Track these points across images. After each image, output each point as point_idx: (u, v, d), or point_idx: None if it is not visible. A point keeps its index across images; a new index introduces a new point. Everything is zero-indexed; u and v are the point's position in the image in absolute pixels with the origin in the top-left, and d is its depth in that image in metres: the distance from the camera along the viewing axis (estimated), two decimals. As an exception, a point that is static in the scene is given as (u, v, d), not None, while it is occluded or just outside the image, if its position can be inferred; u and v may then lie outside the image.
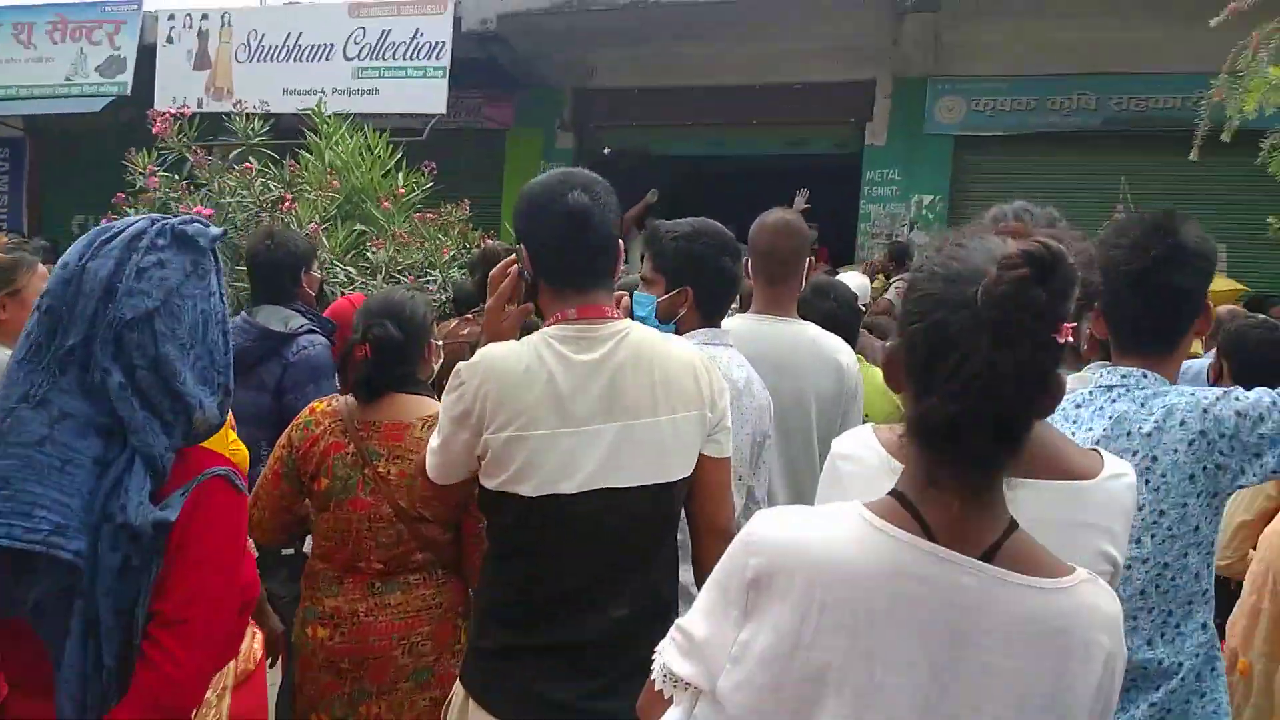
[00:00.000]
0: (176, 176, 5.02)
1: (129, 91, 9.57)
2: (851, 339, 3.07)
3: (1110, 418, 1.62)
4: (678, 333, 2.27)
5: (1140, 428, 1.59)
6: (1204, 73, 7.86)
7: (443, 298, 4.58)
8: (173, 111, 4.81)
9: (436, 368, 2.44)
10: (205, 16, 9.34)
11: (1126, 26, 7.88)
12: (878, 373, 3.29)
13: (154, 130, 4.82)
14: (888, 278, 7.26)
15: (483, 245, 3.97)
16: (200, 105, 9.42)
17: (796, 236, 2.67)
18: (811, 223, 8.69)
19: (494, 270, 1.84)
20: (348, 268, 4.64)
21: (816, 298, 2.86)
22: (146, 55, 9.53)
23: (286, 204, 4.55)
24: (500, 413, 1.67)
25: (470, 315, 3.87)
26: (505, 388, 1.68)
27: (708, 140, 9.62)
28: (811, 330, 2.61)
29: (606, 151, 9.87)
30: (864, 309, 4.80)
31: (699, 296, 2.25)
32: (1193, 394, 1.61)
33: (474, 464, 1.73)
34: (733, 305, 3.43)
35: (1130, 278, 1.63)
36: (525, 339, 1.74)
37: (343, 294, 4.30)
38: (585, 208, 1.68)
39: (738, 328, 2.49)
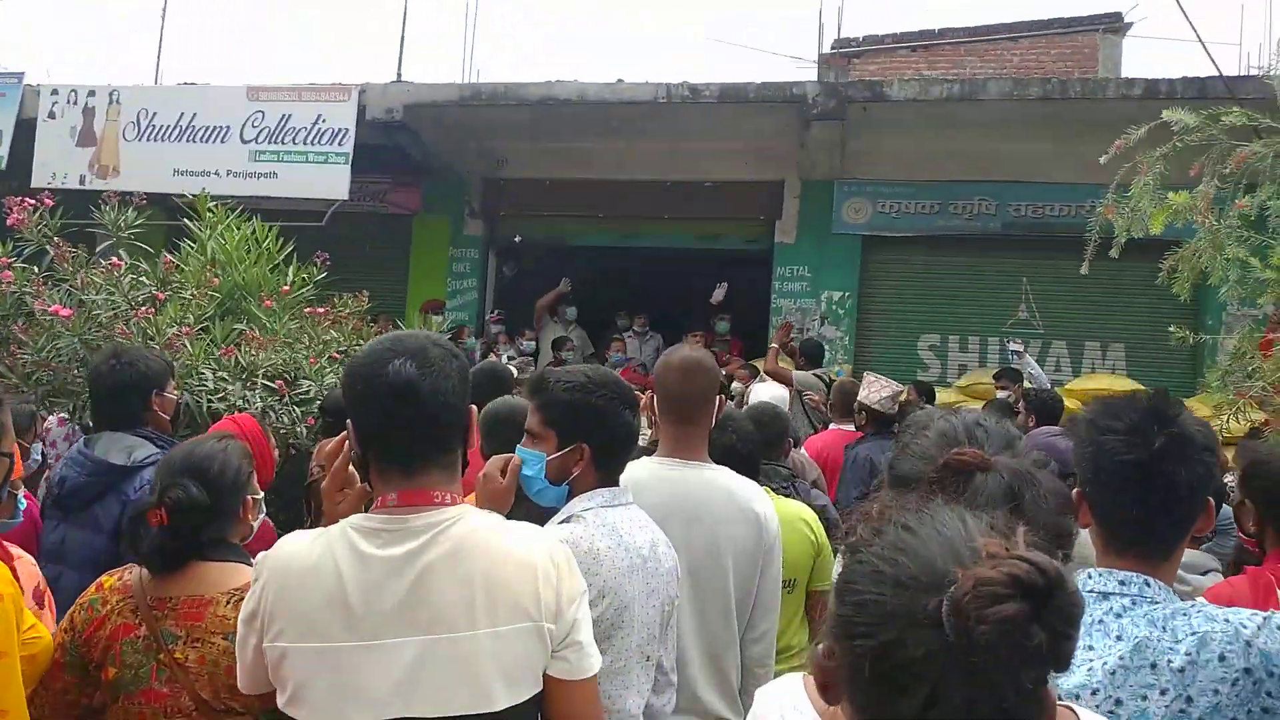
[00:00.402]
0: (36, 270, 4.56)
1: (4, 165, 9.00)
2: (753, 472, 2.86)
3: (1120, 638, 1.38)
4: (571, 494, 2.00)
5: (1169, 661, 1.34)
6: (1094, 184, 8.23)
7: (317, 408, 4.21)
8: (30, 202, 4.39)
9: (256, 524, 2.14)
10: (92, 93, 8.91)
11: (1022, 139, 8.19)
12: (788, 505, 3.10)
13: (9, 221, 4.38)
14: (799, 376, 7.17)
15: None
16: (83, 183, 8.95)
17: (706, 375, 2.44)
18: (724, 314, 8.76)
19: (329, 446, 1.59)
20: (220, 372, 4.23)
21: (714, 431, 2.62)
22: (25, 129, 9.00)
23: (144, 310, 4.15)
24: (277, 618, 1.41)
25: None
26: (285, 588, 1.42)
27: (620, 232, 9.56)
28: (725, 476, 2.37)
29: (518, 239, 9.71)
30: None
31: (597, 453, 1.98)
32: (1226, 620, 1.37)
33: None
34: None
35: (1128, 470, 1.41)
36: (326, 529, 1.49)
37: (210, 408, 3.91)
38: (409, 380, 1.45)
39: (643, 476, 2.24)
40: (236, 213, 5.35)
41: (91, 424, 2.92)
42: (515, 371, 5.46)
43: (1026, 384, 7.09)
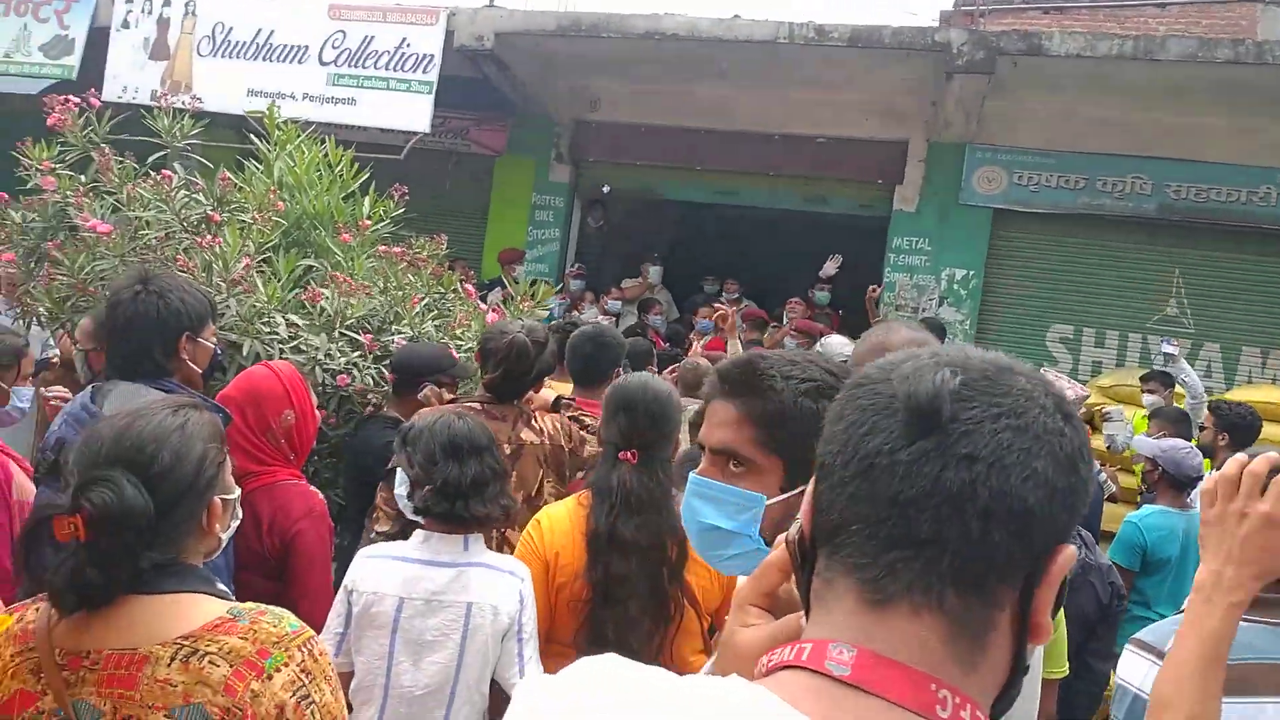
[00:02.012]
0: (83, 177, 3.98)
1: (75, 76, 8.52)
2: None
3: None
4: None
5: None
6: (1273, 167, 7.21)
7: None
8: (75, 101, 3.78)
9: (227, 535, 1.45)
10: (168, 3, 8.35)
11: (1189, 111, 7.17)
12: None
13: (49, 121, 3.78)
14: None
15: (505, 332, 2.89)
16: (154, 99, 8.45)
17: None
18: (822, 283, 7.90)
19: (773, 501, 0.90)
20: (290, 316, 3.59)
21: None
22: (99, 38, 8.51)
23: (210, 238, 3.52)
24: None
25: (481, 405, 2.83)
26: None
27: (718, 187, 8.73)
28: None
29: (606, 189, 8.95)
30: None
31: None
32: None
33: None
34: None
35: None
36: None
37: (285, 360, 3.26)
38: (932, 397, 0.65)
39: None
40: (309, 132, 4.73)
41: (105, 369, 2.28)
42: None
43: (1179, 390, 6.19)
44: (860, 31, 7.01)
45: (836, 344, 4.52)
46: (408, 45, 7.85)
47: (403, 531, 2.67)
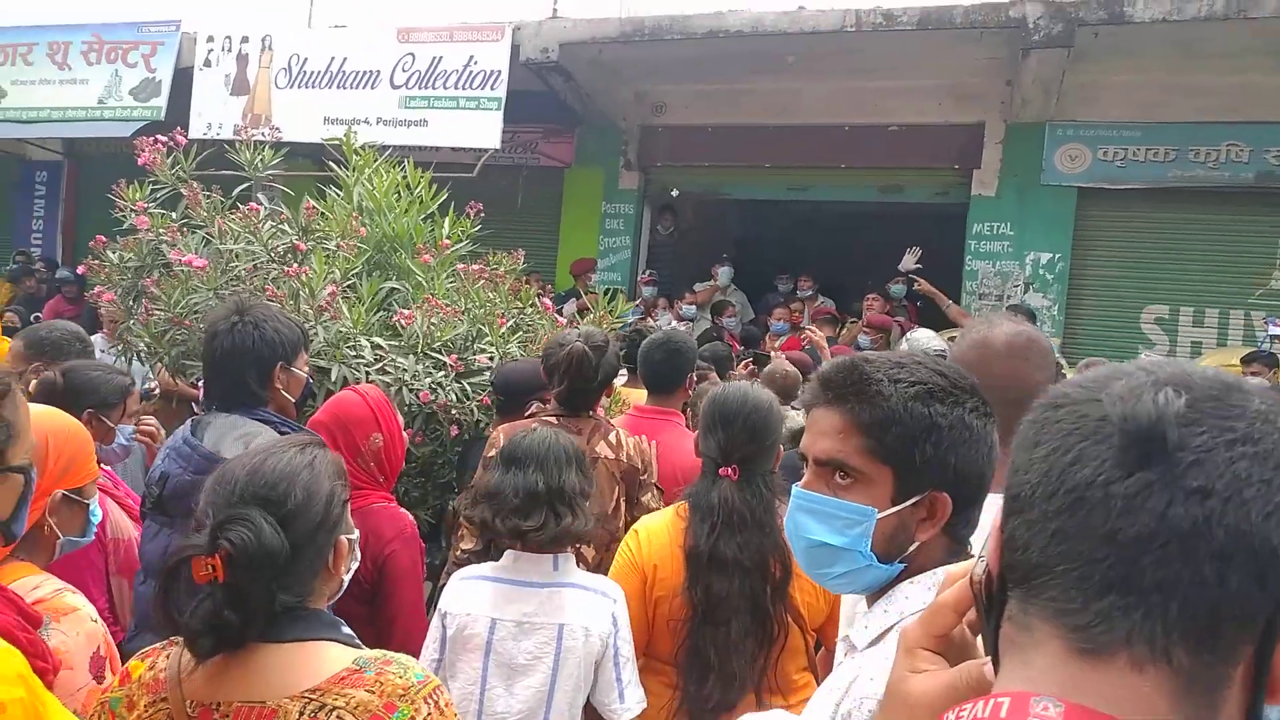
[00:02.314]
0: (173, 215, 4.13)
1: (163, 116, 8.90)
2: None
3: None
4: (901, 576, 1.18)
5: None
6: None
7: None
8: (162, 140, 3.93)
9: (348, 574, 1.42)
10: (246, 39, 8.64)
11: (1288, 69, 6.78)
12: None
13: (139, 161, 3.94)
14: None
15: (563, 344, 2.87)
16: (237, 133, 8.76)
17: (1043, 358, 1.68)
18: (897, 277, 7.69)
19: (952, 571, 0.79)
20: (375, 339, 3.66)
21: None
22: (184, 79, 8.87)
23: (295, 266, 3.60)
24: None
25: (557, 419, 2.80)
26: None
27: (789, 183, 8.62)
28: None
29: (675, 193, 8.93)
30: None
31: (957, 507, 1.15)
32: None
33: None
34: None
35: None
36: None
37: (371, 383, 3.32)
38: (1157, 431, 0.57)
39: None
40: (385, 156, 4.82)
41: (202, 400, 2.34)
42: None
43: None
44: (930, 13, 6.84)
45: (923, 338, 4.39)
46: (475, 63, 7.97)
47: (487, 549, 2.68)
